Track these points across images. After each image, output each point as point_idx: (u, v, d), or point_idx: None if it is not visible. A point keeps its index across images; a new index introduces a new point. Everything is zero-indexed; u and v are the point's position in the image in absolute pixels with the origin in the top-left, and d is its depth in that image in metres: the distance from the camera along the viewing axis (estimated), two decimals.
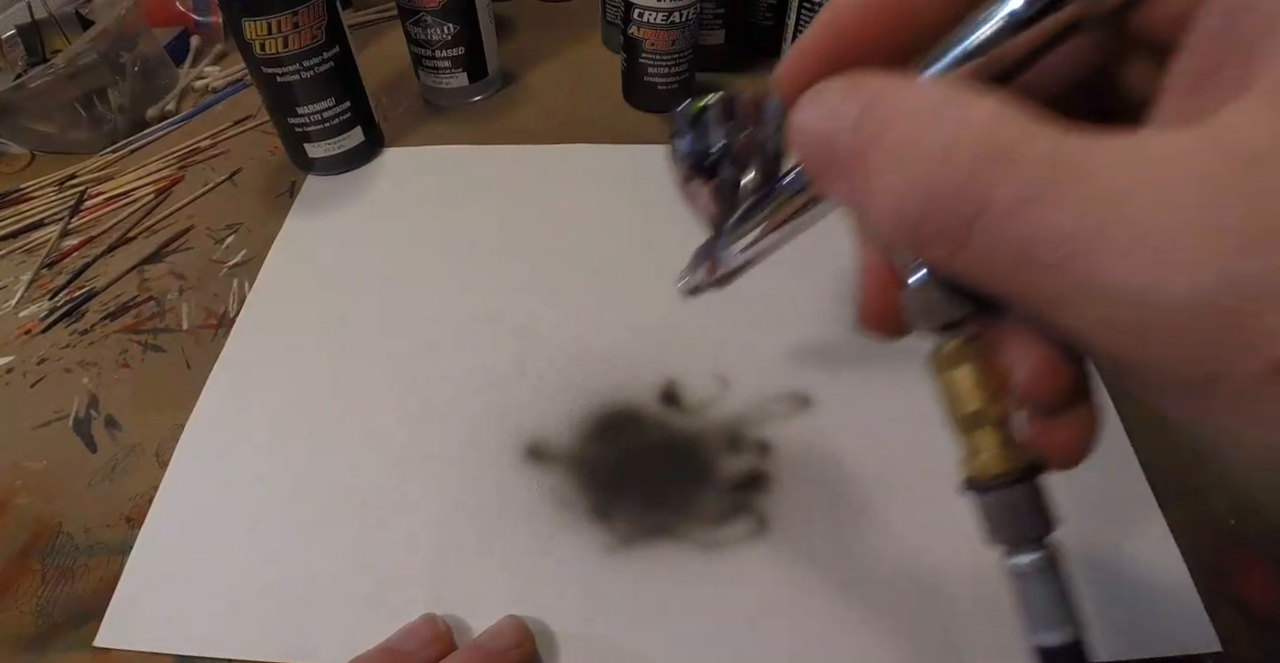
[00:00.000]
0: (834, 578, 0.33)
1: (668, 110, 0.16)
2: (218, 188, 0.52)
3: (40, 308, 0.45)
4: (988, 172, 0.12)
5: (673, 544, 0.34)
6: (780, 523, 0.35)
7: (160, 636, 0.32)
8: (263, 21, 0.43)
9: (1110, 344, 0.12)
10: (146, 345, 0.43)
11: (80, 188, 0.52)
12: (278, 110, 0.49)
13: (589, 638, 0.32)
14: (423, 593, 0.33)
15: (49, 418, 0.40)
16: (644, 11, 0.51)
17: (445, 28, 0.53)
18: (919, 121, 0.12)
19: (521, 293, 0.45)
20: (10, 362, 0.42)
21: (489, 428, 0.38)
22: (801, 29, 0.56)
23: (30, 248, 0.49)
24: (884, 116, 0.13)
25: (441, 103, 0.58)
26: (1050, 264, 0.11)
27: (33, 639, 0.32)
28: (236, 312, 0.44)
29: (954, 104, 0.12)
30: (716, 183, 0.20)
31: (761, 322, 0.42)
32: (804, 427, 0.38)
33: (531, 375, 0.41)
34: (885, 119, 0.13)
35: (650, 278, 0.45)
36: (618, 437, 0.38)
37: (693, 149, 0.19)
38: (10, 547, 0.35)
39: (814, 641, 0.32)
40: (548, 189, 0.51)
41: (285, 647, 0.32)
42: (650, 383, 0.40)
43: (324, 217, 0.50)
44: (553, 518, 0.35)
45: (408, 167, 0.53)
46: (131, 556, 0.34)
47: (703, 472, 0.37)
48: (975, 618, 0.32)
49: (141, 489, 0.37)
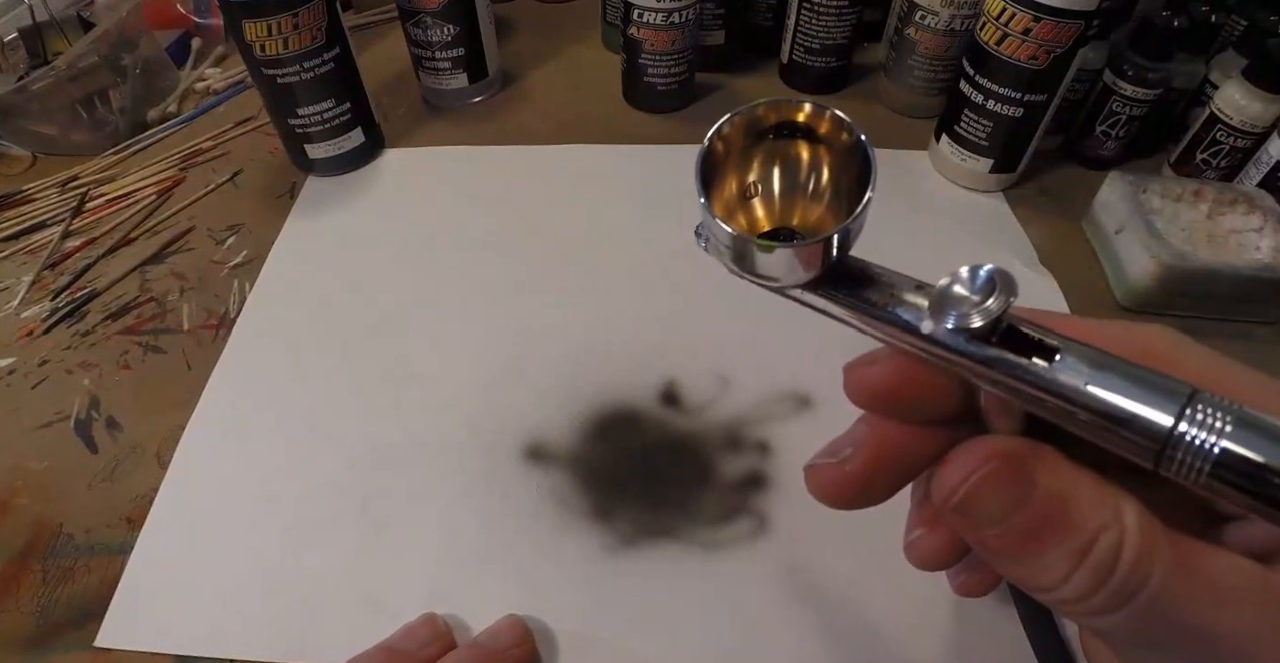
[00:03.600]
0: (834, 578, 0.33)
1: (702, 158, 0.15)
2: (219, 189, 0.52)
3: (42, 309, 0.45)
4: (1141, 567, 0.15)
5: (673, 544, 0.34)
6: (780, 523, 0.35)
7: (160, 636, 0.32)
8: (263, 23, 0.44)
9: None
10: (147, 346, 0.43)
11: (82, 190, 0.52)
12: (278, 112, 0.49)
13: (589, 638, 0.32)
14: (423, 593, 0.33)
15: (50, 419, 0.40)
16: (644, 12, 0.51)
17: (445, 29, 0.53)
18: (1096, 513, 0.16)
19: (521, 293, 0.45)
20: (12, 363, 0.43)
21: (489, 428, 0.38)
22: (801, 28, 0.56)
23: (32, 249, 0.49)
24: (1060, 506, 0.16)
25: (442, 104, 0.58)
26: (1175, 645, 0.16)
27: (33, 639, 0.32)
28: (237, 313, 0.44)
29: (1113, 504, 0.16)
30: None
31: (761, 322, 0.42)
32: (804, 427, 0.38)
33: (531, 376, 0.41)
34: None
35: (650, 278, 0.45)
36: (618, 437, 0.38)
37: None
38: (11, 547, 0.35)
39: (814, 641, 0.32)
40: (548, 190, 0.51)
41: (285, 647, 0.32)
42: (650, 383, 0.40)
43: (324, 218, 0.50)
44: (553, 518, 0.35)
45: (408, 168, 0.53)
46: (132, 556, 0.34)
47: (703, 472, 0.37)
48: (976, 618, 0.32)
49: (142, 490, 0.37)
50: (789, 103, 0.19)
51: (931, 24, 0.52)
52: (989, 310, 0.16)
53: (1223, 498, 0.15)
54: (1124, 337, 0.18)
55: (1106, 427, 0.16)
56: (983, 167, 0.50)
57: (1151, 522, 0.16)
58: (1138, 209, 0.44)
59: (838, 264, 0.19)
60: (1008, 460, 0.17)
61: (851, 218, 0.17)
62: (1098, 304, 0.45)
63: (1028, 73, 0.44)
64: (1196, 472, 0.15)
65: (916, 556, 0.22)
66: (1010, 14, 0.42)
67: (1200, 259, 0.41)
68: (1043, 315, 0.19)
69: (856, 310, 0.19)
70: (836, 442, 0.21)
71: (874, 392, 0.20)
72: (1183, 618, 0.15)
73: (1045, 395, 0.16)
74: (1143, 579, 0.15)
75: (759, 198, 0.20)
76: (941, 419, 0.19)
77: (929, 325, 0.17)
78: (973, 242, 0.48)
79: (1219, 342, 0.43)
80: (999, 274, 0.16)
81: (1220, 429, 0.15)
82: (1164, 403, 0.15)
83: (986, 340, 0.17)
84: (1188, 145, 0.49)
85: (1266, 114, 0.45)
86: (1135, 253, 0.43)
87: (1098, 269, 0.46)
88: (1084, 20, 0.41)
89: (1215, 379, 0.17)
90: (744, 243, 0.18)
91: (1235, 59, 0.48)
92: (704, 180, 0.19)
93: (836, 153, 0.19)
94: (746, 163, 0.20)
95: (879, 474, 0.20)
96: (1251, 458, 0.14)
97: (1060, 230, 0.49)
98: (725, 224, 0.18)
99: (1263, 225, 0.43)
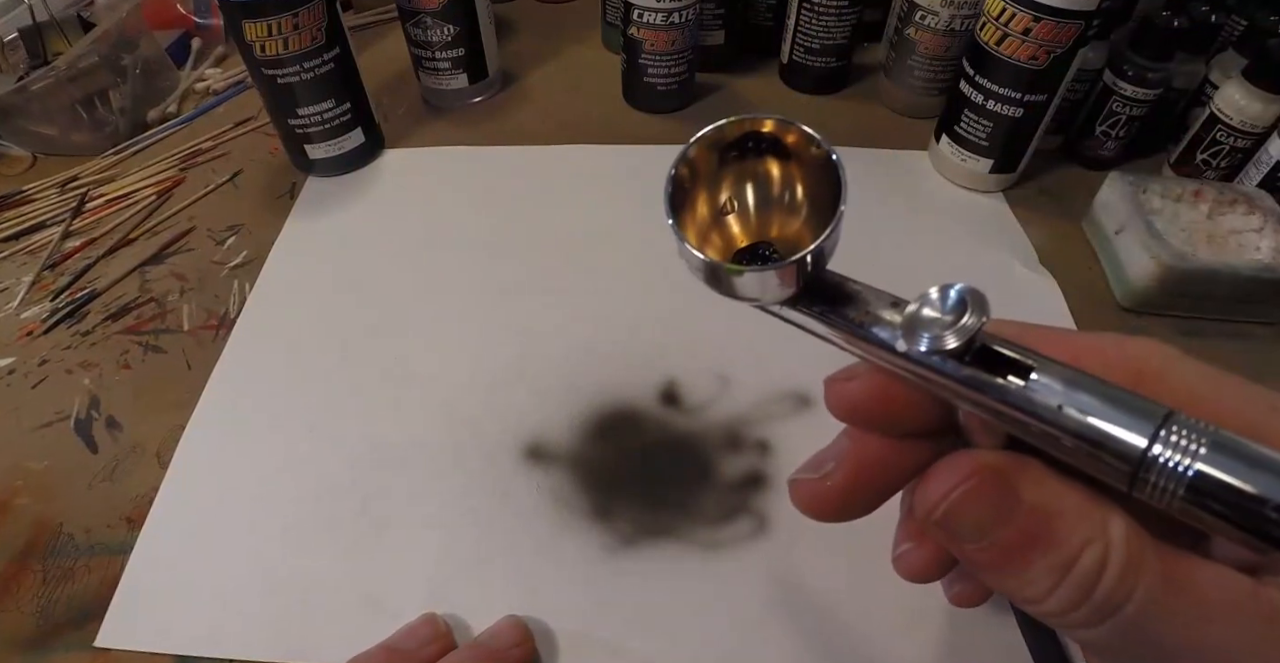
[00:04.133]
0: (834, 578, 0.33)
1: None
2: (219, 189, 0.52)
3: (42, 309, 0.45)
4: (1125, 581, 0.15)
5: (673, 544, 0.34)
6: (780, 523, 0.35)
7: (160, 636, 0.32)
8: (263, 23, 0.44)
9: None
10: (147, 346, 0.43)
11: (82, 190, 0.52)
12: (278, 112, 0.49)
13: (589, 638, 0.32)
14: (423, 593, 0.33)
15: (50, 419, 0.40)
16: (644, 12, 0.51)
17: (445, 29, 0.53)
18: (1080, 528, 0.16)
19: (521, 293, 0.45)
20: (12, 363, 0.43)
21: (489, 428, 0.38)
22: (801, 28, 0.56)
23: (32, 250, 0.49)
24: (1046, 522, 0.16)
25: (442, 104, 0.58)
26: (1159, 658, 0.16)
27: (33, 639, 0.32)
28: (237, 313, 0.44)
29: (1099, 518, 0.16)
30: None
31: (761, 321, 0.42)
32: (804, 427, 0.38)
33: (531, 375, 0.41)
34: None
35: (650, 278, 0.45)
36: (618, 437, 0.38)
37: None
38: (11, 547, 0.35)
39: (814, 641, 0.32)
40: (548, 190, 0.51)
41: (285, 647, 0.32)
42: (650, 383, 0.40)
43: (324, 218, 0.50)
44: (553, 518, 0.35)
45: (408, 168, 0.53)
46: (132, 556, 0.34)
47: (703, 472, 0.37)
48: (975, 619, 0.32)
49: (142, 490, 0.37)
50: (755, 119, 0.19)
51: (931, 24, 0.52)
52: (962, 330, 0.16)
53: (1198, 523, 0.15)
54: (1113, 351, 0.18)
55: (1080, 448, 0.15)
56: (983, 167, 0.50)
57: (1138, 535, 0.16)
58: (1138, 209, 0.44)
59: (815, 280, 0.19)
60: (990, 475, 0.17)
61: (822, 237, 0.17)
62: (1098, 304, 0.45)
63: (1028, 73, 0.44)
64: (1170, 495, 0.15)
65: (905, 568, 0.22)
66: (1010, 14, 0.43)
67: (1200, 259, 0.41)
68: (1032, 329, 0.19)
69: (834, 327, 0.18)
70: (819, 456, 0.21)
71: (854, 407, 0.20)
72: (1169, 632, 0.15)
73: (1019, 415, 0.16)
74: (1126, 594, 0.15)
75: (735, 214, 0.20)
76: (923, 433, 0.19)
77: (903, 344, 0.17)
78: (973, 242, 0.48)
79: (1219, 342, 0.43)
80: (970, 293, 0.16)
81: (1195, 452, 0.14)
82: (1138, 425, 0.15)
83: (960, 360, 0.16)
84: (1188, 145, 0.49)
85: (1266, 114, 0.45)
86: (1135, 253, 0.43)
87: (1098, 269, 0.46)
88: (1084, 20, 0.41)
89: (1207, 394, 0.17)
90: (715, 267, 0.18)
91: (1235, 59, 0.48)
92: (675, 205, 0.19)
93: (808, 167, 0.19)
94: (719, 182, 0.20)
95: (860, 489, 0.20)
96: (1226, 482, 0.14)
97: (1060, 230, 0.49)
98: (696, 249, 0.18)
99: (1263, 225, 0.43)
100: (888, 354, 0.18)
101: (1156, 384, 0.16)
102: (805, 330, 0.20)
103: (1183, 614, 0.15)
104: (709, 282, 0.19)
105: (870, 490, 0.20)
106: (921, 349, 0.16)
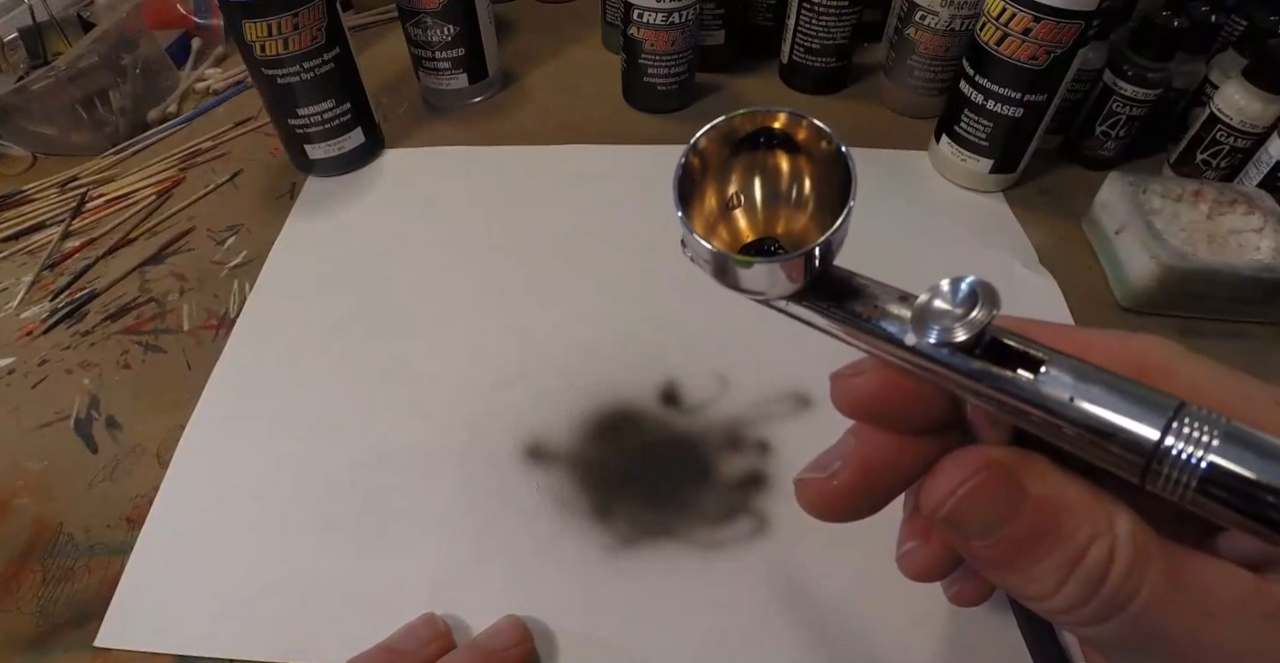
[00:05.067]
0: (834, 578, 0.33)
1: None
2: (219, 189, 0.52)
3: (41, 309, 0.45)
4: (1132, 577, 0.15)
5: (673, 544, 0.34)
6: (780, 523, 0.35)
7: (160, 636, 0.32)
8: (263, 23, 0.44)
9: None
10: (147, 346, 0.43)
11: (82, 190, 0.52)
12: (278, 112, 0.49)
13: (589, 638, 0.32)
14: (423, 592, 0.33)
15: (50, 419, 0.40)
16: (644, 12, 0.51)
17: (445, 29, 0.53)
18: (1087, 524, 0.16)
19: (521, 293, 0.45)
20: (11, 363, 0.43)
21: (489, 428, 0.38)
22: (801, 28, 0.56)
23: (32, 249, 0.49)
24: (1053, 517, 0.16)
25: (442, 104, 0.58)
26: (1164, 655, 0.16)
27: (33, 639, 0.32)
28: (237, 313, 0.44)
29: (1106, 514, 0.16)
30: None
31: (762, 322, 0.42)
32: (804, 427, 0.38)
33: (531, 375, 0.41)
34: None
35: (650, 278, 0.45)
36: (618, 437, 0.38)
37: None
38: (11, 547, 0.35)
39: (814, 641, 0.32)
40: (548, 190, 0.51)
41: (285, 647, 0.32)
42: (650, 383, 0.40)
43: (324, 218, 0.50)
44: (553, 518, 0.35)
45: (408, 168, 0.53)
46: (132, 556, 0.34)
47: (703, 472, 0.37)
48: (975, 619, 0.32)
49: (142, 490, 0.37)
50: (766, 112, 0.19)
51: (931, 24, 0.52)
52: (972, 323, 0.16)
53: (1210, 515, 0.15)
54: (1117, 347, 0.18)
55: (1092, 441, 0.15)
56: (983, 167, 0.50)
57: (1144, 531, 0.16)
58: (1138, 209, 0.44)
59: (821, 275, 0.18)
60: (997, 471, 0.17)
61: (831, 230, 0.17)
62: (1098, 304, 0.45)
63: (1028, 73, 0.44)
64: (1183, 487, 0.14)
65: (909, 567, 0.22)
66: (1010, 14, 0.43)
67: (1200, 259, 0.41)
68: (1035, 325, 0.18)
69: (841, 322, 0.18)
70: (825, 456, 0.21)
71: (860, 402, 0.19)
72: (1175, 628, 0.15)
73: (1030, 409, 0.16)
74: (1133, 590, 0.15)
75: (741, 208, 0.20)
76: (930, 429, 0.19)
77: (912, 338, 0.17)
78: (973, 242, 0.48)
79: (1219, 342, 0.43)
80: (982, 286, 0.16)
81: (1208, 444, 0.14)
82: (1150, 417, 0.15)
83: (970, 353, 0.16)
84: (1188, 145, 0.49)
85: (1266, 114, 0.45)
86: (1135, 253, 0.43)
87: (1098, 269, 0.46)
88: (1084, 20, 0.41)
89: (1210, 389, 0.17)
90: (723, 258, 0.18)
91: (1235, 59, 0.48)
92: (683, 195, 0.19)
93: (817, 161, 0.19)
94: (727, 174, 0.20)
95: (867, 488, 0.20)
96: (1240, 473, 0.14)
97: (1060, 230, 0.49)
98: (704, 239, 0.18)
99: (1263, 225, 0.43)
100: (896, 348, 0.17)
101: (1160, 379, 0.16)
102: (810, 325, 0.19)
103: (1188, 611, 0.15)
104: (715, 274, 0.19)
105: (877, 489, 0.20)
106: (931, 342, 0.16)
